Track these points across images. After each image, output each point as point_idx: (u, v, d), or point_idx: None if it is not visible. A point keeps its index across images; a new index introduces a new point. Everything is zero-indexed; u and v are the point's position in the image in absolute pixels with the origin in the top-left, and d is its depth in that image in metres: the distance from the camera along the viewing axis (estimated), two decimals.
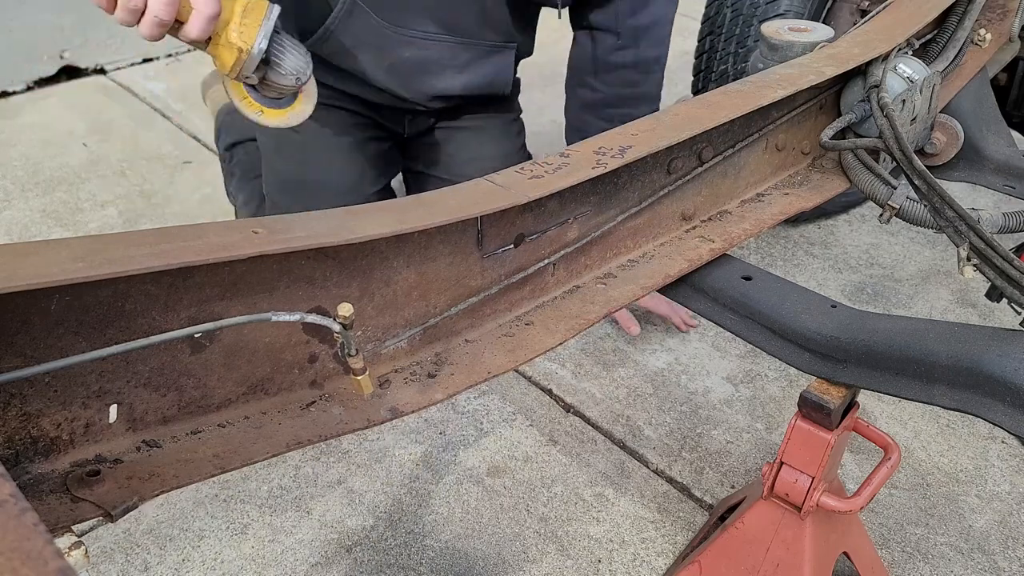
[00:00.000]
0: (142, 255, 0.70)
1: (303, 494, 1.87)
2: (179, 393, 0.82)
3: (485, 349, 1.03)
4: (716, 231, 1.28)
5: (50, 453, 0.76)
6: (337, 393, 0.92)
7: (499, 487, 1.91)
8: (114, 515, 0.73)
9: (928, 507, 1.91)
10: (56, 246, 0.70)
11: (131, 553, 1.73)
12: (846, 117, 1.39)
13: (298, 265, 0.84)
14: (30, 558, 0.40)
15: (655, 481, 1.95)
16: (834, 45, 1.48)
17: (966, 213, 1.22)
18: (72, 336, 0.73)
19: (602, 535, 1.81)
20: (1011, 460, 2.05)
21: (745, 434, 2.08)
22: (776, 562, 1.34)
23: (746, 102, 1.22)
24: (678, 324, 2.33)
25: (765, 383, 2.23)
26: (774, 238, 2.81)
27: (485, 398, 2.14)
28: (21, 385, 0.72)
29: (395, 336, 0.97)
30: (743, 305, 1.19)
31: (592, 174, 1.02)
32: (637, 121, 1.16)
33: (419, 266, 0.95)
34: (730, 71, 2.47)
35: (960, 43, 1.63)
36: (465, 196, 0.95)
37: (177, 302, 0.78)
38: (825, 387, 1.16)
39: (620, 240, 1.19)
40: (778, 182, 1.43)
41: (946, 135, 1.60)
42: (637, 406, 2.15)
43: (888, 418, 2.15)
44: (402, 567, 1.73)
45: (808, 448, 1.22)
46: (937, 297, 2.59)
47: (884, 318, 1.13)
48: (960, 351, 1.01)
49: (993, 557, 1.80)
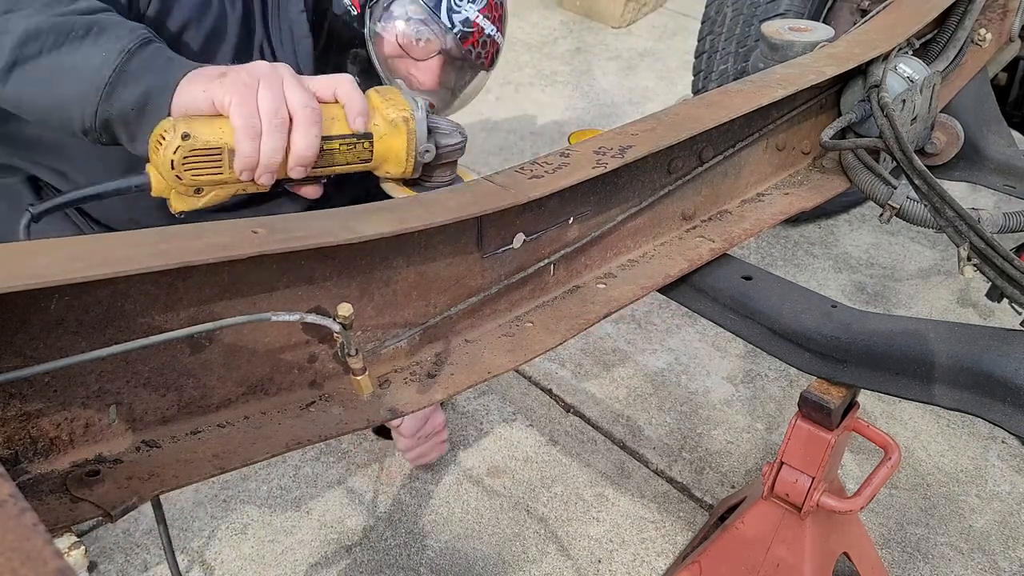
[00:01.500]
0: (141, 255, 0.70)
1: (303, 494, 1.87)
2: (179, 393, 0.82)
3: (485, 349, 1.03)
4: (716, 231, 1.28)
5: (50, 453, 0.76)
6: (337, 393, 0.92)
7: (499, 487, 1.91)
8: (114, 515, 0.73)
9: (928, 507, 1.91)
10: (56, 246, 0.70)
11: (131, 553, 1.72)
12: (846, 117, 1.38)
13: (298, 265, 0.84)
14: (30, 558, 0.39)
15: (655, 481, 1.95)
16: (834, 45, 1.48)
17: (966, 213, 1.22)
18: (72, 336, 0.73)
19: (602, 535, 1.81)
20: (1011, 460, 2.04)
21: (745, 434, 2.08)
22: (776, 562, 1.34)
23: (746, 102, 1.22)
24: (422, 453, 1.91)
25: (765, 383, 2.23)
26: (774, 238, 2.81)
27: (485, 398, 2.14)
28: (21, 385, 0.72)
29: (395, 336, 0.97)
30: (743, 305, 1.19)
31: (592, 174, 1.02)
32: (637, 121, 1.16)
33: (419, 266, 0.95)
34: (730, 71, 2.47)
35: (960, 43, 1.63)
36: (465, 196, 0.95)
37: (177, 302, 0.78)
38: (825, 387, 1.16)
39: (620, 240, 1.19)
40: (778, 182, 1.43)
41: (946, 135, 1.59)
42: (637, 406, 2.14)
43: (888, 418, 2.15)
44: (402, 567, 1.73)
45: (808, 448, 1.22)
46: (937, 297, 2.59)
47: (884, 318, 1.13)
48: (960, 351, 1.01)
49: (993, 557, 1.80)
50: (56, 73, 1.00)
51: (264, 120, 0.97)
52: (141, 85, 0.99)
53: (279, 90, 0.98)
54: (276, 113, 0.97)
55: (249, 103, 0.96)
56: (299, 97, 0.99)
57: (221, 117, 0.98)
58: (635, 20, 4.41)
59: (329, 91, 1.04)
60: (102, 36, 1.01)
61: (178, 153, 0.95)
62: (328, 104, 1.04)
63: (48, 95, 1.02)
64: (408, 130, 1.08)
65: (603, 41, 4.17)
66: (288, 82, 1.00)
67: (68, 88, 1.00)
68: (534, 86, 3.70)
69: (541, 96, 3.65)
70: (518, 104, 3.56)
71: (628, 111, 3.56)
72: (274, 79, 0.99)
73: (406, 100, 1.10)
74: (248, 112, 0.96)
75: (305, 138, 0.99)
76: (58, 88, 1.01)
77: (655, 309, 2.46)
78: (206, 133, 0.96)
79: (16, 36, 0.99)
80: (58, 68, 1.00)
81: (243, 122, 0.96)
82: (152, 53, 1.02)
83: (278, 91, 0.98)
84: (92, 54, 1.00)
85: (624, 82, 3.83)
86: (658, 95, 3.72)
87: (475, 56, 1.42)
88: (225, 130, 0.97)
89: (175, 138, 0.95)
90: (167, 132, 0.96)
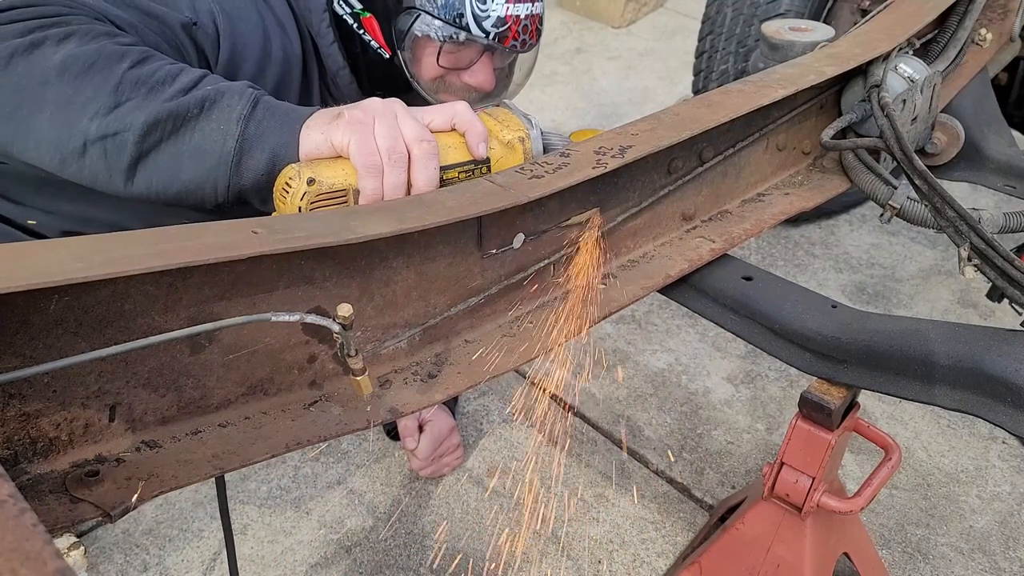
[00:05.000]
0: (141, 255, 0.70)
1: (303, 494, 1.87)
2: (178, 393, 0.82)
3: (485, 349, 1.03)
4: (716, 231, 1.28)
5: (49, 453, 0.76)
6: (337, 393, 0.92)
7: (499, 487, 1.91)
8: (113, 515, 0.73)
9: (929, 507, 1.91)
10: (56, 246, 0.70)
11: (130, 553, 1.72)
12: (847, 117, 1.38)
13: (298, 265, 0.84)
14: (29, 558, 0.39)
15: (655, 481, 1.94)
16: (835, 45, 1.48)
17: (967, 213, 1.22)
18: (71, 336, 0.73)
19: (602, 536, 1.81)
20: (1012, 460, 2.04)
21: (745, 434, 2.08)
22: (776, 562, 1.34)
23: (747, 102, 1.22)
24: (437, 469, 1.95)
25: (765, 383, 2.23)
26: (775, 238, 2.80)
27: (485, 398, 2.14)
28: (20, 385, 0.72)
29: (395, 336, 0.96)
30: (743, 305, 1.18)
31: (592, 174, 1.02)
32: (637, 121, 1.16)
33: (419, 266, 0.95)
34: (730, 71, 2.47)
35: (961, 43, 1.63)
36: (465, 196, 0.94)
37: (177, 302, 0.78)
38: (826, 387, 1.16)
39: (620, 240, 1.19)
40: (779, 182, 1.43)
41: (947, 135, 1.59)
42: (637, 406, 2.14)
43: (888, 418, 2.15)
44: (402, 567, 1.73)
45: (809, 448, 1.22)
46: (937, 297, 2.59)
47: (885, 318, 1.13)
48: (961, 351, 1.01)
49: (994, 557, 1.80)
50: (181, 158, 0.99)
51: (384, 157, 0.97)
52: (266, 150, 0.99)
53: (394, 125, 0.98)
54: (394, 149, 0.97)
55: (368, 142, 0.96)
56: (414, 131, 0.99)
57: (342, 158, 0.98)
58: (635, 20, 4.41)
59: (446, 120, 1.04)
60: (214, 110, 0.99)
61: (305, 199, 0.95)
62: (444, 133, 1.04)
63: (178, 180, 1.01)
64: (524, 149, 1.09)
65: (603, 41, 4.17)
66: (402, 117, 1.00)
67: (196, 171, 0.99)
68: (534, 86, 3.69)
69: (541, 96, 3.65)
70: (518, 104, 3.55)
71: (628, 111, 3.56)
72: (388, 115, 0.99)
73: (519, 119, 1.10)
74: (368, 151, 0.96)
75: (425, 171, 0.99)
76: (186, 172, 1.00)
77: (655, 309, 2.46)
78: (330, 176, 0.96)
79: (137, 131, 0.97)
80: (182, 153, 0.99)
81: (364, 160, 0.96)
82: (265, 112, 1.01)
83: (393, 126, 0.98)
84: (211, 131, 0.99)
85: (624, 82, 3.83)
86: (658, 95, 3.72)
87: (521, 44, 1.38)
88: (348, 171, 0.97)
89: (301, 184, 0.95)
90: (292, 179, 0.96)
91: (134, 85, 0.98)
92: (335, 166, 0.97)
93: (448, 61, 1.37)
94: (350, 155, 0.96)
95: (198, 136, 0.99)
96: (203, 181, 1.00)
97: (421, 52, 1.36)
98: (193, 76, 1.02)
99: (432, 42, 1.34)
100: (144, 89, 0.99)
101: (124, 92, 0.98)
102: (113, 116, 0.97)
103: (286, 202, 0.96)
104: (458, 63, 1.38)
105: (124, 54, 1.00)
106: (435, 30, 1.32)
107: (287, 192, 0.96)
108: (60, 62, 0.98)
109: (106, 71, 0.98)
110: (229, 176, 0.99)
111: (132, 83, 0.98)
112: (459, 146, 1.05)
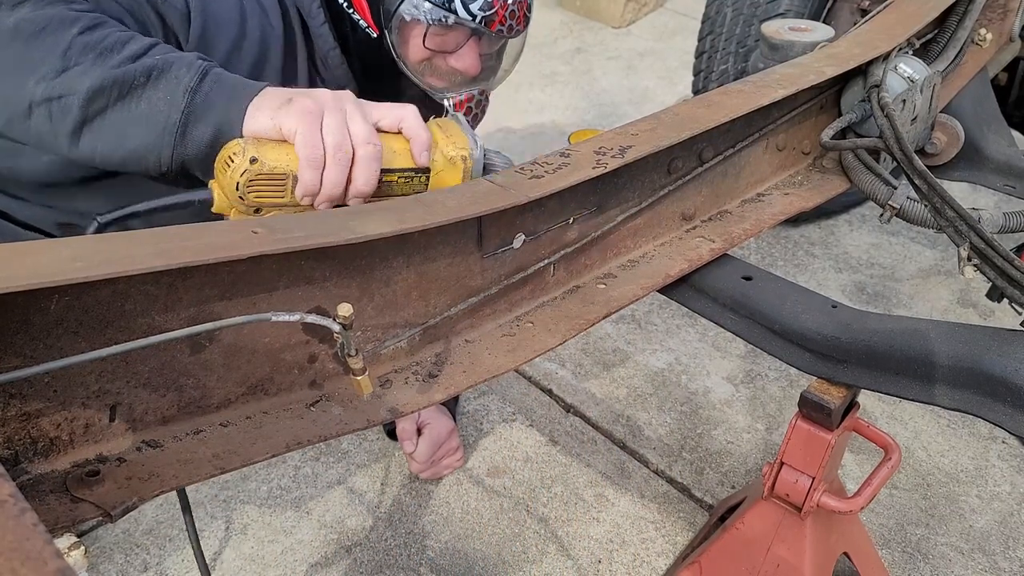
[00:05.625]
0: (142, 255, 0.70)
1: (303, 494, 1.87)
2: (179, 393, 0.82)
3: (485, 349, 1.03)
4: (716, 231, 1.28)
5: (50, 453, 0.76)
6: (337, 393, 0.92)
7: (499, 487, 1.91)
8: (114, 515, 0.73)
9: (928, 507, 1.91)
10: (56, 246, 0.70)
11: (131, 553, 1.72)
12: (846, 117, 1.38)
13: (298, 265, 0.84)
14: (29, 558, 0.39)
15: (655, 481, 1.95)
16: (834, 45, 1.48)
17: (966, 213, 1.22)
18: (72, 336, 0.73)
19: (602, 535, 1.81)
20: (1011, 460, 2.04)
21: (745, 434, 2.08)
22: (776, 562, 1.34)
23: (747, 102, 1.22)
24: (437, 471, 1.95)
25: (765, 383, 2.23)
26: (775, 238, 2.81)
27: (485, 398, 2.14)
28: (21, 385, 0.72)
29: (395, 336, 0.97)
30: (743, 305, 1.19)
31: (592, 174, 1.02)
32: (637, 121, 1.16)
33: (419, 266, 0.95)
34: (730, 71, 2.47)
35: (961, 43, 1.63)
36: (465, 196, 0.95)
37: (177, 302, 0.78)
38: (825, 387, 1.16)
39: (620, 240, 1.19)
40: (778, 182, 1.43)
41: (947, 135, 1.59)
42: (637, 406, 2.14)
43: (888, 418, 2.15)
44: (402, 567, 1.73)
45: (808, 448, 1.22)
46: (937, 297, 2.59)
47: (884, 318, 1.13)
48: (960, 351, 1.01)
49: (994, 557, 1.80)
50: (126, 125, 1.00)
51: (328, 153, 0.97)
52: (211, 123, 0.99)
53: (343, 122, 0.98)
54: (340, 147, 0.97)
55: (314, 134, 0.97)
56: (362, 132, 0.99)
57: (287, 143, 0.98)
58: (635, 20, 4.41)
59: (394, 122, 1.04)
60: (162, 79, 1.00)
61: (244, 176, 0.96)
62: (390, 135, 1.04)
63: (122, 148, 1.01)
64: (464, 168, 1.09)
65: (603, 41, 4.17)
66: (351, 113, 1.00)
67: (140, 138, 1.00)
68: (534, 86, 3.70)
69: (541, 96, 3.65)
70: (518, 104, 3.56)
71: (628, 111, 3.56)
72: (338, 110, 0.99)
73: (466, 137, 1.10)
74: (313, 143, 0.96)
75: (365, 173, 1.00)
76: (131, 140, 1.00)
77: (655, 309, 2.46)
78: (272, 159, 0.97)
79: (82, 95, 0.98)
80: (127, 120, 1.00)
81: (308, 152, 0.96)
82: (214, 85, 1.01)
83: (342, 124, 0.98)
84: (157, 100, 0.99)
85: (624, 82, 3.83)
86: (658, 95, 3.72)
87: (508, 29, 1.39)
88: (292, 156, 0.97)
89: (243, 161, 0.95)
90: (236, 155, 0.96)
91: (83, 50, 0.99)
92: (279, 149, 0.98)
93: (435, 43, 1.37)
94: (295, 145, 0.97)
95: (144, 104, 0.99)
96: (148, 149, 1.00)
97: (408, 33, 1.36)
98: (143, 44, 1.03)
99: (419, 24, 1.34)
100: (92, 54, 0.99)
101: (72, 57, 0.99)
102: (59, 80, 0.98)
103: (225, 175, 0.97)
104: (444, 46, 1.38)
105: (76, 19, 1.01)
106: (423, 12, 1.33)
107: (228, 165, 0.96)
108: (13, 25, 0.99)
109: (56, 35, 1.00)
110: (173, 146, 1.00)
111: (81, 48, 0.99)
112: (403, 152, 1.05)
